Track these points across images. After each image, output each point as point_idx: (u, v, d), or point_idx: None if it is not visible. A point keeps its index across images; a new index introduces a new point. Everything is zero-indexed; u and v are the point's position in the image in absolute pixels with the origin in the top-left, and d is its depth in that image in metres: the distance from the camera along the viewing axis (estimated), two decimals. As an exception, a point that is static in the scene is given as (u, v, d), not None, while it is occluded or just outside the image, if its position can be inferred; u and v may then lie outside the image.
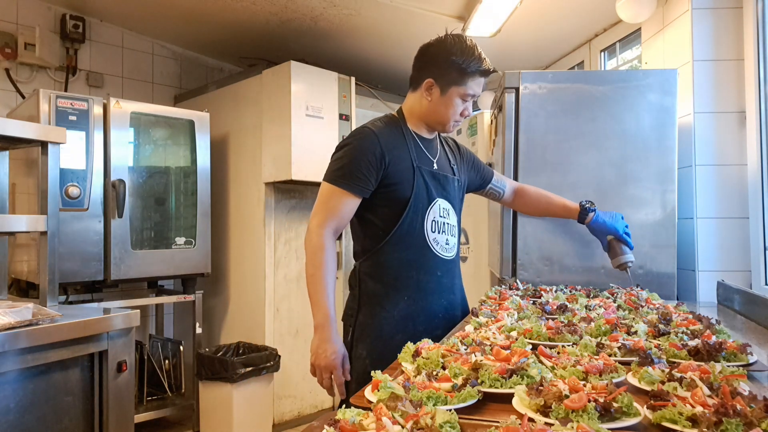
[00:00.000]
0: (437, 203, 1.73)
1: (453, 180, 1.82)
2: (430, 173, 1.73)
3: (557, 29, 3.36)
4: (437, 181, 1.75)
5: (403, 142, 1.72)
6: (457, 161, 1.90)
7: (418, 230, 1.69)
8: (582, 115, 2.34)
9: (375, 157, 1.63)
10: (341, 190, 1.63)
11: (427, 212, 1.71)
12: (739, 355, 1.11)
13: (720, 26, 2.37)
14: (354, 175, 1.62)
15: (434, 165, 1.77)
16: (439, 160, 1.80)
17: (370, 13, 3.15)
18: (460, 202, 1.87)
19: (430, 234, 1.71)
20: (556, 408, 0.80)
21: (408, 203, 1.67)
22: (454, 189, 1.82)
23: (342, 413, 0.76)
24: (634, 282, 2.16)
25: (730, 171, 2.36)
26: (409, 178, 1.68)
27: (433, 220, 1.72)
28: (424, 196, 1.70)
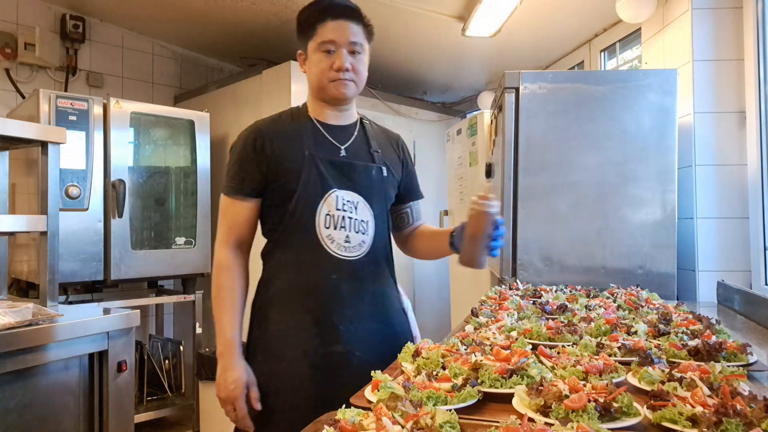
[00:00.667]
0: (333, 195, 1.47)
1: (370, 168, 1.54)
2: (329, 162, 1.49)
3: (557, 29, 3.36)
4: (339, 170, 1.50)
5: (297, 131, 1.51)
6: (385, 150, 1.62)
7: (307, 227, 1.45)
8: (582, 115, 2.34)
9: (255, 150, 1.46)
10: (231, 198, 1.48)
11: (319, 205, 1.46)
12: (739, 355, 1.11)
13: (720, 26, 2.37)
14: (238, 176, 1.47)
15: (341, 152, 1.52)
16: (351, 147, 1.54)
17: (369, 13, 3.14)
18: (381, 193, 1.57)
19: (323, 230, 1.45)
20: (556, 408, 0.80)
21: (294, 196, 1.45)
22: (370, 178, 1.54)
23: (342, 413, 0.76)
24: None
25: (730, 171, 2.36)
26: (296, 168, 1.46)
27: (328, 214, 1.46)
28: (316, 187, 1.46)
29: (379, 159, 1.58)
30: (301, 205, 1.46)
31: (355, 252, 1.49)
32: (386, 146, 1.64)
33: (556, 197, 2.34)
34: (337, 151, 1.53)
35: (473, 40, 3.46)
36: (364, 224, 1.51)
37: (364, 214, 1.52)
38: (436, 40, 3.56)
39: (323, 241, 1.46)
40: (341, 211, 1.48)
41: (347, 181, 1.50)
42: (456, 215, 3.90)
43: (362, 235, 1.51)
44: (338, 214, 1.47)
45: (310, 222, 1.45)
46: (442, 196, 4.41)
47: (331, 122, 1.55)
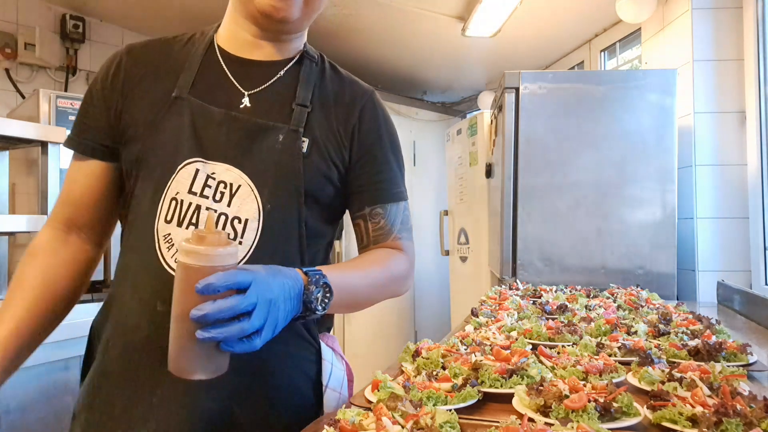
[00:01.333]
0: (191, 168, 0.90)
1: (273, 131, 0.94)
2: (208, 115, 0.93)
3: (557, 29, 3.36)
4: (221, 129, 0.93)
5: (179, 61, 0.98)
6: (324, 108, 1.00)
7: (143, 217, 0.92)
8: (582, 115, 2.34)
9: (107, 84, 0.97)
10: (73, 156, 1.00)
11: (167, 184, 0.90)
12: (739, 355, 1.11)
13: (720, 26, 2.37)
14: (79, 123, 0.99)
15: (242, 101, 0.95)
16: (263, 96, 0.97)
17: (370, 13, 3.15)
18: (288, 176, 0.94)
19: (162, 225, 0.90)
20: (556, 408, 0.80)
21: (136, 165, 0.93)
22: (269, 148, 0.93)
23: (342, 413, 0.76)
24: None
25: (730, 171, 2.36)
26: (149, 118, 0.93)
27: (174, 198, 0.90)
28: (167, 152, 0.91)
29: (297, 118, 0.95)
30: (142, 181, 0.93)
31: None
32: (332, 103, 1.01)
33: (556, 197, 2.33)
34: (235, 99, 0.95)
35: (473, 40, 3.46)
36: (239, 225, 0.90)
37: (244, 207, 0.91)
38: (436, 40, 3.56)
39: (157, 244, 0.89)
40: (196, 197, 0.89)
41: (227, 149, 0.92)
42: (456, 216, 3.90)
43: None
44: (189, 200, 0.89)
45: (149, 210, 0.91)
46: (442, 197, 4.41)
47: (244, 55, 0.99)
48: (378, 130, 1.04)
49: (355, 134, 1.02)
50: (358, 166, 1.02)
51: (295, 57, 1.02)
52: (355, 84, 1.07)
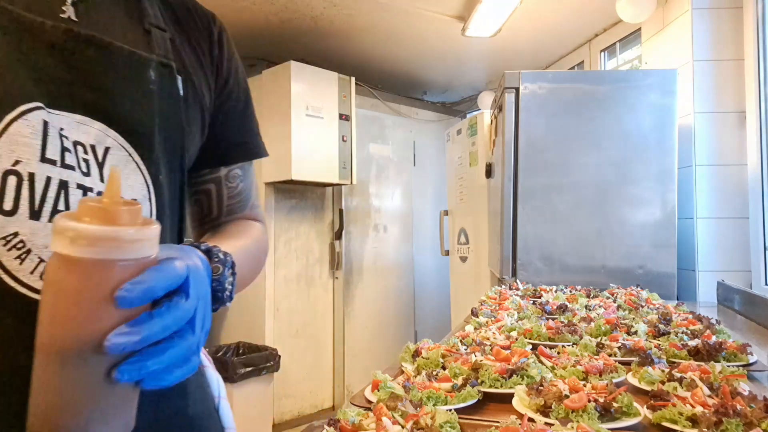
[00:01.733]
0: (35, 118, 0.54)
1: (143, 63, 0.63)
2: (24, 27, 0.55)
3: (557, 29, 3.36)
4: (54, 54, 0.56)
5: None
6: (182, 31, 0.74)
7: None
8: (582, 115, 2.34)
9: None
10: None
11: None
12: (739, 355, 1.11)
13: (720, 26, 2.37)
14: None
15: (65, 7, 0.59)
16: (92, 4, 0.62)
17: (370, 13, 3.15)
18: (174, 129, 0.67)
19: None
20: (556, 408, 0.80)
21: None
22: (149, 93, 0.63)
23: (342, 413, 0.76)
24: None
25: (730, 171, 2.36)
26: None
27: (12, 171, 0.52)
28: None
29: (162, 47, 0.67)
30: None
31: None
32: (188, 23, 0.75)
33: (556, 197, 2.33)
34: (54, 6, 0.59)
35: (473, 40, 3.46)
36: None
37: (125, 180, 0.61)
38: (436, 40, 3.56)
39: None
40: (57, 167, 0.55)
41: (81, 90, 0.58)
42: (456, 216, 3.90)
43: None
44: (49, 173, 0.55)
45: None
46: (442, 197, 4.41)
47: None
48: (238, 68, 0.80)
49: (219, 70, 0.76)
50: (221, 114, 0.77)
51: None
52: (195, 2, 0.78)
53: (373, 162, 4.27)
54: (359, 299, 4.10)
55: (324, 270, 3.93)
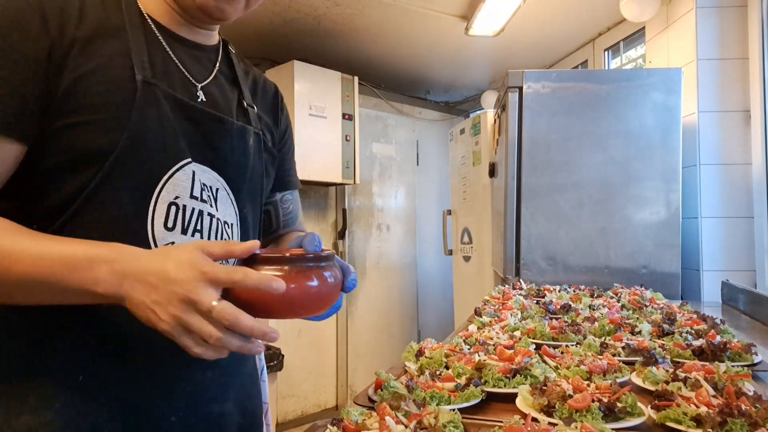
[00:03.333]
0: (189, 170, 0.81)
1: (243, 132, 0.90)
2: (180, 106, 0.81)
3: (561, 28, 3.36)
4: (198, 125, 0.83)
5: (117, 24, 0.79)
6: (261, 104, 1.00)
7: (129, 223, 0.76)
8: (586, 114, 2.34)
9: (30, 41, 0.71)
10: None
11: (160, 184, 0.78)
12: (744, 354, 1.11)
13: (724, 25, 2.36)
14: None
15: (199, 93, 0.86)
16: (212, 90, 0.88)
17: (373, 12, 3.15)
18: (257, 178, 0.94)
19: (161, 233, 0.78)
20: (560, 408, 0.79)
21: (110, 157, 0.74)
22: (243, 150, 0.90)
23: (345, 413, 0.76)
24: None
25: (735, 170, 2.35)
26: (114, 99, 0.75)
27: (173, 203, 0.79)
28: (155, 148, 0.77)
29: (254, 118, 0.94)
30: (121, 177, 0.75)
31: None
32: (261, 97, 1.01)
33: (559, 197, 2.33)
34: (191, 90, 0.84)
35: (476, 40, 3.45)
36: (228, 229, 0.88)
37: (226, 210, 0.87)
38: (440, 40, 3.56)
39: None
40: (198, 202, 0.82)
41: (207, 150, 0.84)
42: (459, 215, 3.90)
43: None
44: (194, 205, 0.81)
45: (139, 214, 0.76)
46: (446, 196, 4.41)
47: (181, 33, 0.87)
48: (290, 123, 1.10)
49: (279, 127, 1.05)
50: (279, 157, 1.05)
51: (219, 43, 0.96)
52: (257, 71, 1.06)
53: (377, 161, 4.27)
54: (362, 299, 4.10)
55: (327, 269, 3.93)
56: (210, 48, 0.93)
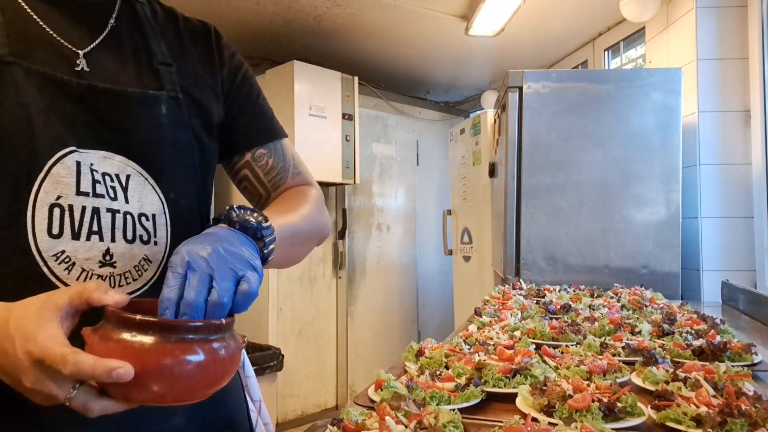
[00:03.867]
0: (69, 160, 0.68)
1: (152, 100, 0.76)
2: (54, 81, 0.69)
3: (561, 28, 3.36)
4: (81, 103, 0.70)
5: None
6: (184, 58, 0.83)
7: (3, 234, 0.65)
8: (586, 114, 2.34)
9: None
10: None
11: (35, 185, 0.66)
12: (744, 354, 1.11)
13: (724, 25, 2.36)
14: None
15: (79, 62, 0.72)
16: (100, 53, 0.74)
17: (373, 12, 3.15)
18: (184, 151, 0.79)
19: (46, 242, 0.66)
20: (560, 408, 0.79)
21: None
22: (159, 125, 0.76)
23: (346, 413, 0.76)
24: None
25: (735, 170, 2.35)
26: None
27: (56, 204, 0.67)
28: (20, 141, 0.66)
29: (171, 81, 0.78)
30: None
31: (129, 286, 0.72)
32: (191, 46, 0.86)
33: (559, 197, 2.33)
34: (67, 60, 0.71)
35: (476, 40, 3.45)
36: (148, 223, 0.74)
37: (144, 200, 0.74)
38: (440, 40, 3.56)
39: (48, 267, 0.66)
40: (89, 198, 0.69)
41: (102, 131, 0.71)
42: (459, 215, 3.90)
43: (144, 247, 0.74)
44: (82, 204, 0.69)
45: (13, 224, 0.65)
46: (446, 196, 4.41)
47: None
48: (241, 66, 0.92)
49: (223, 79, 0.87)
50: (231, 115, 0.88)
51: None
52: (190, 21, 0.89)
53: (377, 161, 4.27)
54: (362, 299, 4.10)
55: (327, 269, 3.93)
56: (102, 3, 0.77)
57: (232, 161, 0.91)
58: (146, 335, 0.53)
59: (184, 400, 0.57)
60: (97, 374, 0.51)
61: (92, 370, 0.51)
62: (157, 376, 0.53)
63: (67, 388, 0.53)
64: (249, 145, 0.90)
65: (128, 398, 0.55)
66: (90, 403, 0.53)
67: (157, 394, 0.54)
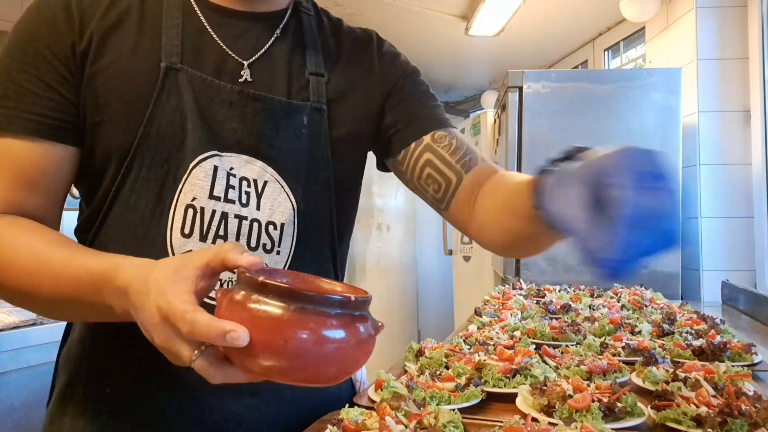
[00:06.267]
0: (208, 165, 0.72)
1: (298, 110, 0.77)
2: (210, 91, 0.73)
3: (561, 28, 3.36)
4: (236, 109, 0.74)
5: (151, 14, 0.74)
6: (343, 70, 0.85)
7: (142, 227, 0.71)
8: (586, 114, 2.34)
9: (57, 36, 0.69)
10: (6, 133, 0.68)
11: (179, 187, 0.71)
12: (744, 354, 1.11)
13: (724, 25, 2.36)
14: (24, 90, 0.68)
15: (242, 73, 0.76)
16: (264, 65, 0.78)
17: (373, 12, 3.15)
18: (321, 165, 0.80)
19: (178, 240, 0.71)
20: (560, 408, 0.79)
21: (121, 159, 0.70)
22: (298, 135, 0.77)
23: (345, 413, 0.76)
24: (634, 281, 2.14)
25: (735, 170, 2.35)
26: (133, 93, 0.70)
27: (190, 205, 0.71)
28: (172, 144, 0.71)
29: (317, 93, 0.79)
30: (135, 181, 0.71)
31: None
32: (344, 62, 0.85)
33: (559, 197, 2.33)
34: (232, 69, 0.76)
35: (476, 40, 3.45)
36: (275, 232, 0.75)
37: (276, 208, 0.76)
38: (439, 40, 3.56)
39: None
40: (220, 202, 0.72)
41: (245, 137, 0.74)
42: (459, 215, 3.89)
43: (266, 256, 0.75)
44: (213, 207, 0.72)
45: (153, 220, 0.71)
46: (446, 196, 4.40)
47: (230, 5, 0.77)
48: (398, 64, 0.89)
49: (385, 82, 0.86)
50: (400, 109, 0.86)
51: (287, 8, 0.81)
52: (353, 30, 0.91)
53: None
54: (362, 299, 4.10)
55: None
56: (273, 15, 0.80)
57: (409, 152, 0.84)
58: (276, 301, 0.47)
59: (311, 381, 0.51)
60: (211, 335, 0.47)
61: (207, 330, 0.48)
62: (277, 349, 0.47)
63: (191, 349, 0.50)
64: (427, 129, 0.84)
65: (248, 368, 0.50)
66: (211, 368, 0.51)
67: (280, 369, 0.48)
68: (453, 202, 0.82)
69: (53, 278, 0.61)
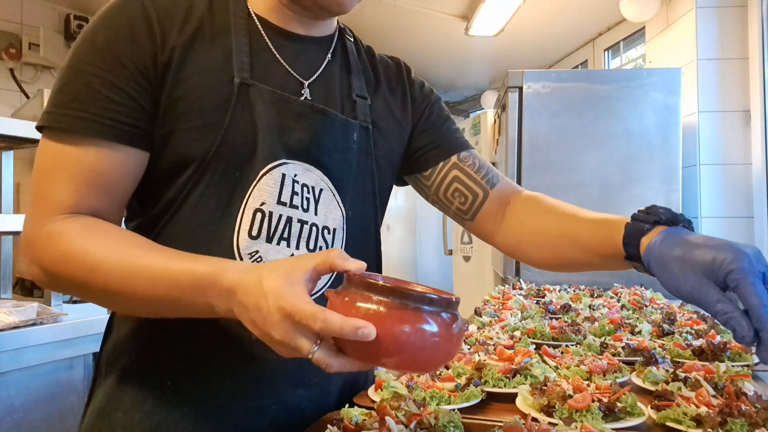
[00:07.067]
0: (277, 173, 0.77)
1: (351, 127, 0.86)
2: (282, 104, 0.79)
3: (561, 28, 3.36)
4: (300, 120, 0.80)
5: (220, 30, 0.79)
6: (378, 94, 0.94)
7: (212, 232, 0.76)
8: (586, 114, 2.34)
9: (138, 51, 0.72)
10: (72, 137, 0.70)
11: (248, 192, 0.76)
12: (744, 355, 1.10)
13: (724, 25, 2.36)
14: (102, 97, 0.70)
15: (304, 91, 0.82)
16: (320, 84, 0.85)
17: (373, 12, 3.15)
18: (365, 176, 0.89)
19: (245, 241, 0.76)
20: (560, 408, 0.79)
21: (196, 165, 0.75)
22: (350, 149, 0.85)
23: (345, 413, 0.76)
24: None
25: (735, 170, 2.35)
26: (210, 104, 0.75)
27: (259, 209, 0.76)
28: (245, 152, 0.76)
29: (363, 111, 0.89)
30: (207, 185, 0.76)
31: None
32: (385, 81, 0.97)
33: (559, 196, 2.31)
34: (295, 87, 0.82)
35: (476, 40, 3.46)
36: (328, 236, 0.83)
37: (329, 214, 0.83)
38: (440, 40, 3.56)
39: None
40: (286, 207, 0.78)
41: (309, 147, 0.80)
42: (459, 215, 3.89)
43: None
44: (279, 212, 0.78)
45: (222, 221, 0.76)
46: (446, 196, 4.41)
47: (289, 28, 0.84)
48: (425, 92, 1.01)
49: (414, 108, 0.98)
50: (428, 133, 0.98)
51: (334, 34, 0.92)
52: (383, 57, 1.03)
53: (377, 161, 4.27)
54: (362, 299, 4.10)
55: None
56: (324, 39, 0.89)
57: (436, 170, 0.97)
58: (387, 300, 0.56)
59: (412, 369, 0.61)
60: (345, 332, 0.54)
61: (340, 327, 0.54)
62: (392, 341, 0.55)
63: (311, 343, 0.57)
64: (453, 151, 0.97)
65: (364, 358, 0.57)
66: (330, 358, 0.58)
67: (389, 359, 0.56)
68: (479, 215, 0.96)
69: (149, 280, 0.65)
